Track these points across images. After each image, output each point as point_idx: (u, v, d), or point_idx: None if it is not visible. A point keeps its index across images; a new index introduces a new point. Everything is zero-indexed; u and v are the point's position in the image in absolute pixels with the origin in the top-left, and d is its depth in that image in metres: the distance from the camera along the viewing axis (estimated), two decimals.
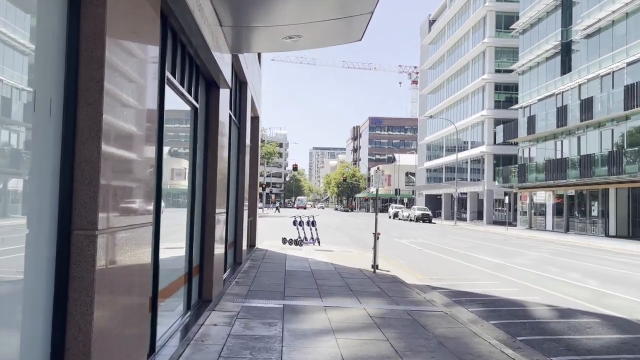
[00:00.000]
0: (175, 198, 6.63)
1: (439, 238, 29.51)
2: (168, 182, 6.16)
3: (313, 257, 16.26)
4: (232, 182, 12.52)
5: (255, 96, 16.02)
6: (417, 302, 9.45)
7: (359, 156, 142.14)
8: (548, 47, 41.16)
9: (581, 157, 35.20)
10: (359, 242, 24.58)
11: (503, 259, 18.78)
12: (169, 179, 6.29)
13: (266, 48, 9.23)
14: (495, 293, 11.36)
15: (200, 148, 7.77)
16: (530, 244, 27.45)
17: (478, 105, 57.38)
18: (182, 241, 6.85)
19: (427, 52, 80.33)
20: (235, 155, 12.79)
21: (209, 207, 8.00)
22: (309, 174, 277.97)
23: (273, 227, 34.69)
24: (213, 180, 8.04)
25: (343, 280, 11.77)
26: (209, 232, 7.98)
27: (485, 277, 13.96)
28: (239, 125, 12.93)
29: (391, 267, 14.72)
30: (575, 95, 37.93)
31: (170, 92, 5.84)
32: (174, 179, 6.47)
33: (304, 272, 12.72)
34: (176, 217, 6.74)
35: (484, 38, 54.96)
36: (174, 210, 6.62)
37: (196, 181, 7.31)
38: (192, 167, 7.15)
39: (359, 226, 42.07)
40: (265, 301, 8.89)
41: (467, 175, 60.63)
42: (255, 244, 18.38)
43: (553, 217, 41.15)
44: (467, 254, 20.15)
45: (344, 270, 13.56)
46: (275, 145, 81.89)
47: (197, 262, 7.72)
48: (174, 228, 6.63)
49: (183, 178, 6.89)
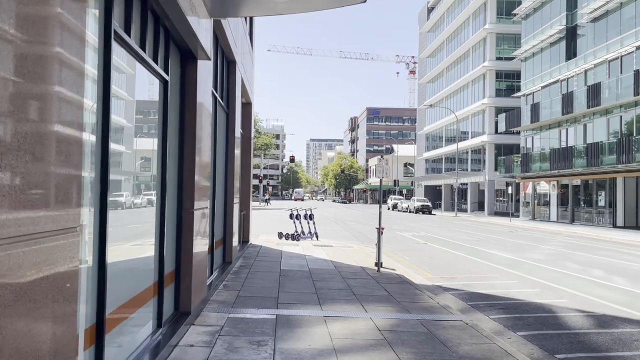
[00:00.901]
0: (135, 192, 5.34)
1: (442, 230, 28.29)
2: (124, 172, 4.87)
3: (311, 254, 15.01)
4: (220, 174, 11.23)
5: (246, 80, 14.70)
6: (431, 309, 8.21)
7: (357, 147, 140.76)
8: (552, 32, 39.77)
9: (588, 146, 33.93)
10: (358, 236, 23.35)
11: (515, 253, 17.55)
12: (128, 167, 5.00)
13: (254, 12, 7.90)
14: (515, 295, 10.12)
15: (174, 132, 6.47)
16: (538, 236, 26.24)
17: (479, 93, 56.01)
18: (148, 244, 5.57)
19: (425, 40, 78.77)
20: (223, 144, 11.49)
21: (186, 202, 6.71)
22: (306, 166, 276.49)
23: (270, 220, 33.43)
24: (191, 171, 6.75)
25: (344, 281, 10.51)
26: (187, 231, 6.69)
27: (500, 275, 12.72)
28: (227, 111, 11.62)
29: (396, 265, 13.49)
30: (581, 81, 36.62)
31: (124, 56, 4.54)
32: (130, 168, 5.19)
33: (301, 272, 11.46)
34: (141, 216, 5.46)
35: (485, 24, 53.48)
36: (136, 208, 5.33)
37: (168, 171, 6.02)
38: (161, 154, 5.85)
39: (358, 218, 40.84)
40: (256, 310, 7.63)
41: (468, 165, 59.36)
42: (248, 239, 17.11)
43: (558, 208, 39.96)
44: (475, 248, 18.92)
45: (345, 269, 12.31)
46: (271, 136, 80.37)
47: (171, 267, 6.44)
48: (136, 229, 5.35)
49: (147, 168, 5.60)
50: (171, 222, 6.40)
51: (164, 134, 5.89)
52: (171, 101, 6.23)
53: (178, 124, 6.63)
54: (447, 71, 66.51)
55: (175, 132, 6.53)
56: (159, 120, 5.86)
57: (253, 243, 17.37)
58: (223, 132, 11.38)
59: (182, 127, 6.69)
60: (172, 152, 6.38)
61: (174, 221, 6.51)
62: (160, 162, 5.85)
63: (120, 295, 4.53)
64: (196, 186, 6.84)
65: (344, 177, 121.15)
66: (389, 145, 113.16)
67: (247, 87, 15.50)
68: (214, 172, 9.72)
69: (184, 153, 6.71)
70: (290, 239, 19.26)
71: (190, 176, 6.73)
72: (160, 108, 5.88)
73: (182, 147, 6.71)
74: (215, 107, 9.72)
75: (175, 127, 6.52)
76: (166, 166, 5.91)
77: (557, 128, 39.80)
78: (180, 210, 6.66)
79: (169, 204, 6.21)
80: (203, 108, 7.23)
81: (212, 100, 9.56)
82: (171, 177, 6.40)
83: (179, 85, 6.63)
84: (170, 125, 6.21)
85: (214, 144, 9.65)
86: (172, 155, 6.34)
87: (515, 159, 44.50)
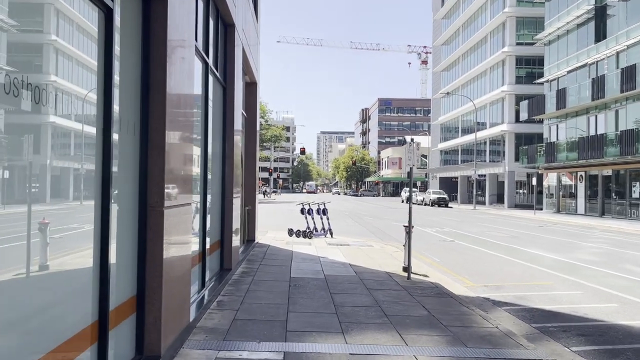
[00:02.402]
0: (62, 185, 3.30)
1: (467, 225, 26.07)
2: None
3: (326, 256, 12.95)
4: (216, 161, 9.18)
5: (250, 53, 12.60)
6: (491, 338, 6.11)
7: (368, 139, 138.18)
8: (579, 13, 37.18)
9: (621, 133, 31.43)
10: (376, 232, 21.25)
11: (559, 253, 15.35)
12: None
13: None
14: (589, 313, 7.98)
15: (131, 89, 4.40)
16: (573, 231, 23.94)
17: (497, 80, 53.42)
18: (79, 266, 3.52)
19: (440, 27, 76.03)
20: (220, 125, 9.42)
21: (153, 197, 4.64)
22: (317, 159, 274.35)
23: (280, 214, 31.42)
24: (160, 152, 4.67)
25: (370, 294, 8.43)
26: (154, 238, 4.63)
27: (556, 282, 10.57)
28: (224, 84, 9.53)
29: (426, 269, 11.40)
30: (612, 64, 34.05)
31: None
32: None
33: (316, 281, 9.40)
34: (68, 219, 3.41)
35: (505, 8, 50.80)
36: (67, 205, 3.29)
37: (121, 153, 3.96)
38: (102, 125, 3.79)
39: (373, 212, 38.70)
40: (257, 345, 5.57)
41: (486, 156, 56.80)
42: (254, 238, 15.08)
43: (586, 200, 37.48)
44: (511, 247, 16.74)
45: (368, 275, 10.23)
46: (281, 128, 78.01)
47: (129, 293, 4.40)
48: (62, 243, 3.29)
49: (65, 146, 3.53)
50: (127, 227, 4.34)
51: (105, 92, 3.81)
52: (123, 45, 4.16)
53: (140, 79, 4.55)
54: (463, 58, 63.87)
55: (132, 93, 4.45)
56: (99, 72, 3.78)
57: (260, 242, 15.34)
58: (219, 110, 9.30)
59: (145, 84, 4.60)
60: (127, 123, 4.32)
61: (132, 225, 4.45)
62: (102, 138, 3.79)
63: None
64: (168, 175, 4.77)
65: (356, 169, 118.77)
66: (402, 137, 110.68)
67: (252, 64, 13.41)
68: (204, 159, 7.65)
69: (150, 124, 4.64)
70: (302, 237, 17.23)
71: (157, 160, 4.65)
72: (101, 53, 3.80)
73: (145, 120, 4.63)
74: (205, 75, 7.64)
75: (132, 82, 4.44)
76: (110, 144, 3.83)
77: (584, 115, 37.28)
78: (143, 209, 4.59)
79: (123, 200, 4.16)
80: (179, 62, 5.14)
81: (202, 66, 7.48)
82: (128, 161, 4.34)
83: (137, 23, 4.54)
84: (123, 81, 4.15)
85: (204, 122, 7.58)
86: (126, 128, 4.28)
87: (539, 149, 42.02)
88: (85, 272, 3.63)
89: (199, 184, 7.53)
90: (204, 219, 7.70)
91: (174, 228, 5.00)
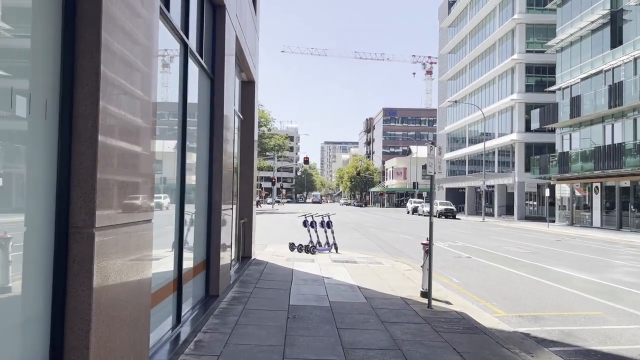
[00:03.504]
0: None
1: (480, 239, 24.46)
2: None
3: (330, 275, 11.41)
4: (201, 167, 7.68)
5: (245, 45, 11.15)
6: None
7: (373, 149, 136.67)
8: (594, 18, 35.74)
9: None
10: (384, 247, 19.69)
11: (590, 273, 13.76)
12: None
13: None
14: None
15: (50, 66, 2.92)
16: (595, 247, 22.30)
17: (507, 89, 51.93)
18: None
19: (446, 36, 74.80)
20: (205, 124, 7.94)
21: (77, 216, 3.12)
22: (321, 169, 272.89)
23: (282, 226, 29.88)
24: (92, 149, 3.17)
25: (386, 329, 6.88)
26: (80, 277, 3.11)
27: (605, 312, 8.98)
28: (211, 76, 8.06)
29: (446, 292, 9.89)
30: (629, 70, 32.54)
31: None
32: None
33: (319, 310, 7.86)
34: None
35: (514, 14, 49.46)
36: None
37: (32, 154, 2.47)
38: None
39: (379, 224, 37.10)
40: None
41: (495, 166, 55.18)
42: (251, 254, 13.55)
43: (602, 212, 35.80)
44: (534, 264, 15.15)
45: (381, 302, 8.68)
46: (285, 137, 76.46)
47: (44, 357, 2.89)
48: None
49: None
50: (36, 260, 2.84)
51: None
52: None
53: (61, 53, 3.06)
54: (471, 67, 62.48)
55: (45, 40, 2.96)
56: None
57: (257, 258, 13.80)
58: (205, 106, 7.82)
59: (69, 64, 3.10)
60: (40, 97, 2.82)
61: (46, 256, 2.94)
62: None
63: None
64: (105, 180, 3.27)
65: (360, 179, 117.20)
66: (407, 147, 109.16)
67: (249, 59, 11.98)
68: (181, 163, 6.14)
69: (75, 100, 3.13)
70: (304, 252, 15.69)
71: (85, 158, 3.15)
72: None
73: (68, 88, 3.12)
74: (184, 59, 6.15)
75: (52, 49, 2.95)
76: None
77: (599, 124, 35.71)
78: (63, 232, 3.08)
79: (32, 219, 2.67)
80: (126, 19, 3.65)
81: (180, 48, 6.00)
82: (39, 160, 2.85)
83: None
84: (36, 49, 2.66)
85: (182, 115, 6.08)
86: (36, 106, 2.79)
87: (552, 159, 40.43)
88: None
89: (175, 192, 6.03)
90: (180, 236, 6.18)
91: (117, 256, 3.49)
